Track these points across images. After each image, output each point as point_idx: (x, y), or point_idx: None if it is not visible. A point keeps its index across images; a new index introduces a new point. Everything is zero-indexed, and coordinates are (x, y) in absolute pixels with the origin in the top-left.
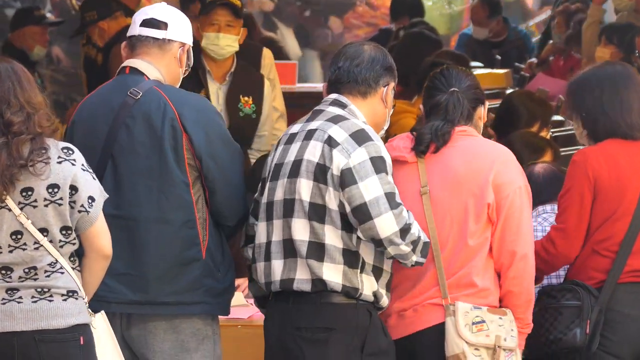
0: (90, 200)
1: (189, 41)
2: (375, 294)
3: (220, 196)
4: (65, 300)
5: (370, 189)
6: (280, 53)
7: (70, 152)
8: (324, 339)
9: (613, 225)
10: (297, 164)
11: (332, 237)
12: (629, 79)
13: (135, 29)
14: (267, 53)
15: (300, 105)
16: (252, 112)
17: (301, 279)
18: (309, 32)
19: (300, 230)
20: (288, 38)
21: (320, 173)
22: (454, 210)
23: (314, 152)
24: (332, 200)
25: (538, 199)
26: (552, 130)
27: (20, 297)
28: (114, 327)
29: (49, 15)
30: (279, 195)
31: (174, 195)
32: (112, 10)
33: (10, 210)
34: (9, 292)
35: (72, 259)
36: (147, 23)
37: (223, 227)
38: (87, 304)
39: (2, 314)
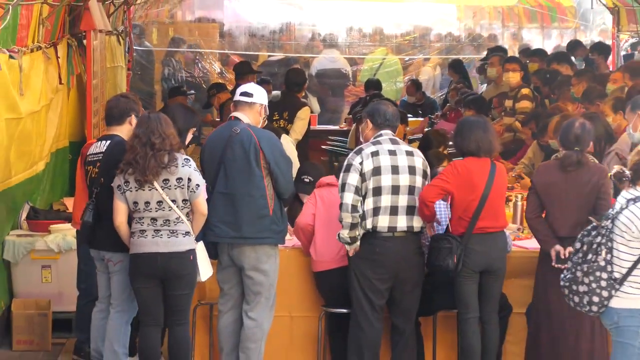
0: (197, 186)
1: (265, 102)
2: None
3: (280, 183)
4: (184, 237)
5: None
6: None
7: (188, 161)
8: None
9: (469, 204)
10: (412, 168)
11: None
12: (472, 125)
13: (237, 96)
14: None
15: (318, 137)
16: None
17: (412, 225)
18: (323, 98)
19: (416, 200)
20: (313, 101)
21: (424, 174)
22: None
23: (421, 162)
24: (423, 185)
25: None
26: (448, 149)
27: (161, 235)
28: (223, 250)
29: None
30: (404, 182)
31: (254, 182)
32: (223, 88)
33: (157, 190)
34: (155, 231)
35: (187, 215)
36: (243, 93)
37: (282, 199)
38: (194, 237)
39: (152, 243)
